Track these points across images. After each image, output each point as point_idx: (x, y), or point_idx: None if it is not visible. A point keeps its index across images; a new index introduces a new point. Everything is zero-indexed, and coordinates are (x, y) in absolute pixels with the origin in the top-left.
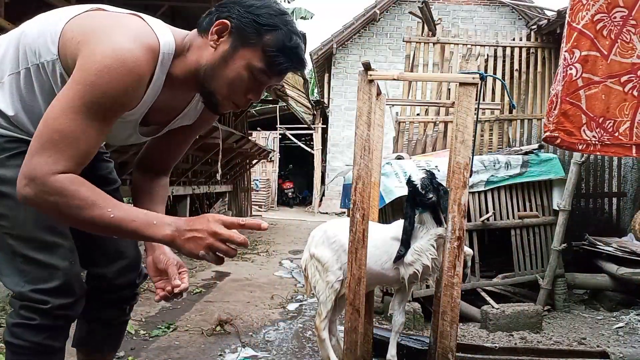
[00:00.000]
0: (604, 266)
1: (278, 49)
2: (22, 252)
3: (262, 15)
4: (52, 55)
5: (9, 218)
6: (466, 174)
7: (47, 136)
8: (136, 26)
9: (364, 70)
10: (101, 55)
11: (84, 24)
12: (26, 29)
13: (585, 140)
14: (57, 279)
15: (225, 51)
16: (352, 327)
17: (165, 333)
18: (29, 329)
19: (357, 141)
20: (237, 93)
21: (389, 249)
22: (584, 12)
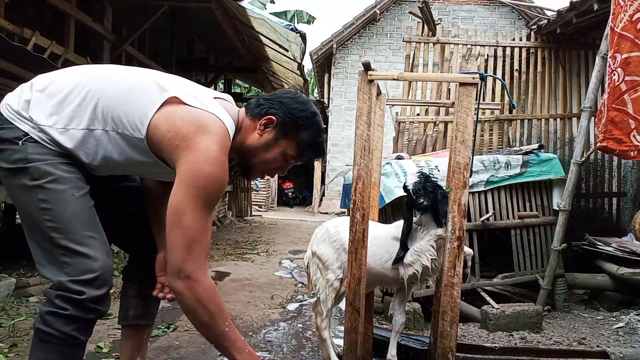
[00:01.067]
0: (604, 266)
1: (309, 144)
2: (64, 244)
3: (301, 117)
4: (139, 134)
5: (54, 212)
6: (466, 174)
7: (190, 237)
8: (220, 132)
9: (364, 70)
10: (205, 163)
11: (176, 125)
12: (105, 90)
13: (636, 146)
14: (94, 271)
15: (269, 140)
16: (352, 327)
17: (165, 333)
18: (60, 318)
19: (357, 141)
20: (269, 168)
21: (389, 248)
22: (622, 14)
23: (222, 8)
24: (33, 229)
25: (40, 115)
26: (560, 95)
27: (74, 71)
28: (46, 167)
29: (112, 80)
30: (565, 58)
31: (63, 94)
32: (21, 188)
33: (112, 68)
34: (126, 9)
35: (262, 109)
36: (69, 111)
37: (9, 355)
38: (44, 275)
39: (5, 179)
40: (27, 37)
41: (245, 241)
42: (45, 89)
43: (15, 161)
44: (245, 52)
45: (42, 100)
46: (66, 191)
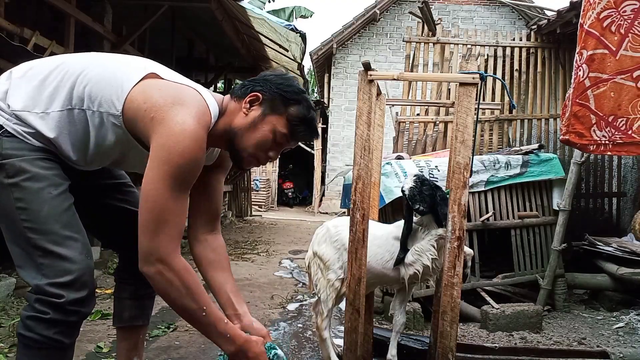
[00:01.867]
0: (604, 266)
1: (300, 119)
2: (41, 244)
3: (289, 92)
4: (115, 111)
5: (30, 211)
6: (466, 174)
7: (160, 217)
8: (198, 104)
9: (364, 70)
10: (180, 137)
11: (153, 97)
12: (86, 70)
13: (595, 140)
14: (73, 272)
15: (256, 117)
16: (352, 327)
17: (165, 333)
18: (41, 323)
19: (357, 141)
20: (260, 151)
21: (390, 248)
22: (590, 11)
23: (222, 8)
24: (10, 229)
25: (18, 100)
26: (560, 95)
27: (55, 56)
28: (22, 163)
29: (92, 61)
30: (565, 58)
31: (42, 75)
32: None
33: (97, 53)
34: (126, 9)
35: (246, 88)
36: (47, 93)
37: (9, 355)
38: (24, 279)
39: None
40: (27, 37)
41: (245, 241)
42: (25, 75)
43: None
44: (245, 52)
45: (21, 85)
46: (43, 189)
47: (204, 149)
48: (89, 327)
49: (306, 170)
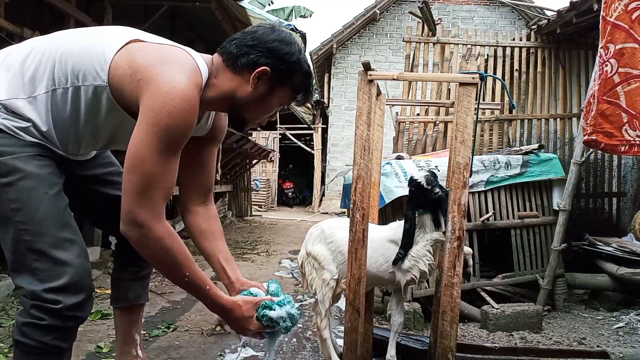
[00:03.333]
0: (604, 266)
1: (302, 87)
2: (37, 247)
3: (293, 62)
4: (101, 81)
5: (26, 213)
6: (466, 174)
7: (145, 181)
8: (187, 63)
9: (364, 70)
10: (168, 95)
11: (138, 59)
12: (65, 47)
13: (627, 140)
14: (68, 275)
15: (265, 91)
16: (352, 327)
17: (165, 333)
18: (38, 329)
19: (357, 141)
20: (263, 118)
21: (385, 251)
22: (616, 3)
23: (222, 8)
24: (4, 232)
25: (2, 89)
26: (560, 95)
27: (29, 39)
28: (15, 162)
29: (69, 37)
30: (565, 58)
31: (20, 60)
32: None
33: (72, 30)
34: (126, 9)
35: (250, 58)
36: (28, 77)
37: (9, 356)
38: (18, 284)
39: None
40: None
41: (245, 241)
42: (2, 63)
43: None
44: None
45: (2, 74)
46: (38, 189)
47: (196, 109)
48: (89, 327)
49: (306, 170)
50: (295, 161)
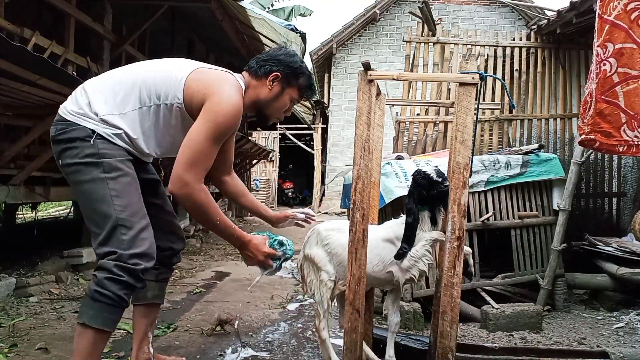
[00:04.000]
0: (604, 266)
1: (307, 86)
2: (128, 224)
3: (297, 68)
4: (178, 100)
5: (123, 200)
6: (466, 174)
7: (195, 156)
8: (235, 82)
9: (363, 70)
10: (225, 104)
11: (202, 80)
12: (147, 76)
13: (626, 141)
14: (146, 246)
15: (278, 91)
16: (352, 327)
17: (165, 333)
18: (117, 284)
19: (357, 141)
20: (281, 113)
21: (380, 251)
22: (615, 2)
23: (222, 8)
24: (101, 212)
25: (102, 108)
26: (560, 95)
27: (115, 71)
28: (117, 163)
29: (147, 69)
30: (565, 58)
31: (109, 86)
32: (94, 179)
33: (146, 62)
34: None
35: (265, 68)
36: (119, 99)
37: (9, 355)
38: (102, 252)
39: (75, 173)
40: (27, 37)
41: None
42: (98, 90)
43: (87, 155)
44: (245, 52)
45: (99, 97)
46: (131, 185)
47: (240, 115)
48: None
49: (306, 170)
50: (295, 161)
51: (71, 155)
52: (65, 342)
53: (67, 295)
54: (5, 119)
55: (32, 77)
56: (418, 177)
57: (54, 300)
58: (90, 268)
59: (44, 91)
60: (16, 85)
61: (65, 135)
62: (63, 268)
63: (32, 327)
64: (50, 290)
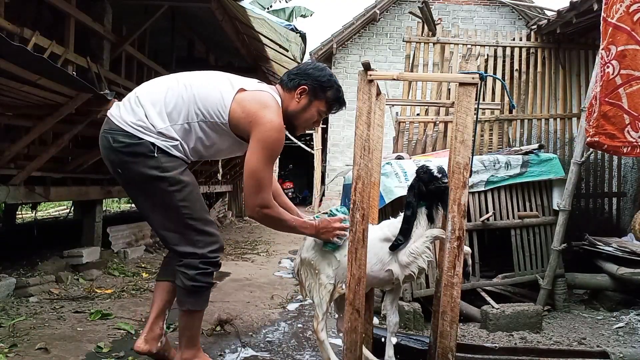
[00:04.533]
0: (604, 266)
1: (334, 99)
2: (199, 227)
3: (325, 81)
4: (223, 120)
5: (191, 207)
6: (466, 174)
7: (259, 183)
8: (275, 104)
9: (363, 70)
10: (270, 131)
11: (246, 107)
12: (195, 92)
13: (630, 142)
14: (219, 243)
15: (305, 104)
16: (352, 327)
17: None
18: (206, 275)
19: (357, 141)
20: (309, 125)
21: (378, 251)
22: (618, 4)
23: (222, 8)
24: (174, 219)
25: (158, 121)
26: (560, 95)
27: (165, 81)
28: (180, 176)
29: (197, 83)
30: (565, 58)
31: (161, 98)
32: (162, 192)
33: (191, 75)
34: (126, 9)
35: (294, 82)
36: (169, 110)
37: (9, 355)
38: (182, 252)
39: (141, 186)
40: (27, 37)
41: (245, 241)
42: (150, 101)
43: (152, 168)
44: (245, 52)
45: (153, 109)
46: (194, 192)
47: (284, 134)
48: (89, 327)
49: (306, 170)
50: (295, 161)
51: (136, 171)
52: (65, 342)
53: (67, 295)
54: (5, 119)
55: (32, 77)
56: (420, 171)
57: (54, 300)
58: (90, 268)
59: (44, 91)
60: (16, 85)
61: (128, 149)
62: (63, 268)
63: (32, 327)
64: (50, 290)
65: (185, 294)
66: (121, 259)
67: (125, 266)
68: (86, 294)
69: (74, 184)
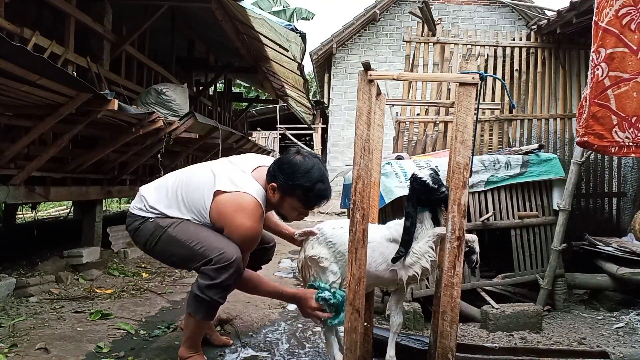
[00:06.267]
0: (604, 266)
1: (304, 198)
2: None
3: (292, 181)
4: (206, 219)
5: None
6: (466, 174)
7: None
8: (251, 206)
9: (363, 70)
10: (238, 235)
11: (220, 213)
12: (184, 195)
13: (617, 142)
14: (225, 261)
15: (278, 199)
16: (352, 327)
17: (165, 333)
18: (212, 289)
19: (357, 141)
20: (293, 215)
21: (384, 250)
22: (607, 8)
23: (222, 8)
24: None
25: (162, 206)
26: (560, 95)
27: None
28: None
29: (186, 182)
30: (565, 58)
31: (164, 193)
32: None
33: (186, 173)
34: (126, 9)
35: (270, 177)
36: (171, 202)
37: (9, 355)
38: (197, 268)
39: (151, 244)
40: (27, 37)
41: None
42: (157, 188)
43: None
44: (245, 52)
45: (154, 195)
46: (189, 226)
47: (257, 232)
48: (89, 327)
49: None
50: None
51: (141, 235)
52: (65, 342)
53: (67, 295)
54: (5, 119)
55: (32, 77)
56: (414, 183)
57: (54, 300)
58: (90, 268)
59: (44, 91)
60: (16, 85)
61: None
62: (63, 268)
63: (32, 327)
64: (50, 290)
65: (191, 297)
66: (121, 259)
67: (125, 266)
68: (86, 294)
69: (74, 184)
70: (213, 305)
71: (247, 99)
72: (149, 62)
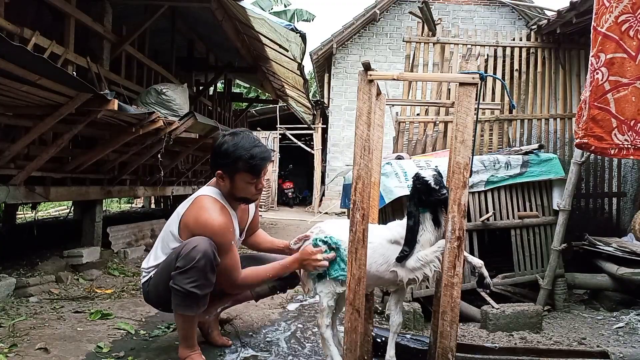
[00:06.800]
0: (604, 266)
1: (248, 167)
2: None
3: (233, 155)
4: (178, 239)
5: None
6: (466, 174)
7: (227, 268)
8: (207, 202)
9: (364, 70)
10: (205, 230)
11: (187, 224)
12: (160, 239)
13: (617, 144)
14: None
15: (229, 182)
16: (352, 327)
17: (165, 333)
18: (182, 279)
19: (357, 141)
20: (253, 192)
21: (385, 251)
22: (607, 15)
23: (222, 8)
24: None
25: (150, 262)
26: (560, 95)
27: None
28: None
29: (160, 237)
30: (565, 58)
31: (150, 255)
32: None
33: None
34: (126, 9)
35: (213, 168)
36: (149, 257)
37: (9, 355)
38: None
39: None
40: (27, 37)
41: None
42: (145, 259)
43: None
44: (246, 52)
45: (146, 262)
46: None
47: (223, 222)
48: (89, 327)
49: (306, 170)
50: (295, 161)
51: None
52: (65, 342)
53: (67, 295)
54: (5, 119)
55: (32, 77)
56: (416, 182)
57: (54, 300)
58: (90, 268)
59: (44, 91)
60: (16, 85)
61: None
62: (63, 268)
63: (32, 327)
64: (50, 290)
65: (173, 294)
66: (121, 259)
67: (125, 266)
68: (86, 294)
69: (74, 184)
70: (188, 295)
71: (247, 99)
72: (149, 62)
